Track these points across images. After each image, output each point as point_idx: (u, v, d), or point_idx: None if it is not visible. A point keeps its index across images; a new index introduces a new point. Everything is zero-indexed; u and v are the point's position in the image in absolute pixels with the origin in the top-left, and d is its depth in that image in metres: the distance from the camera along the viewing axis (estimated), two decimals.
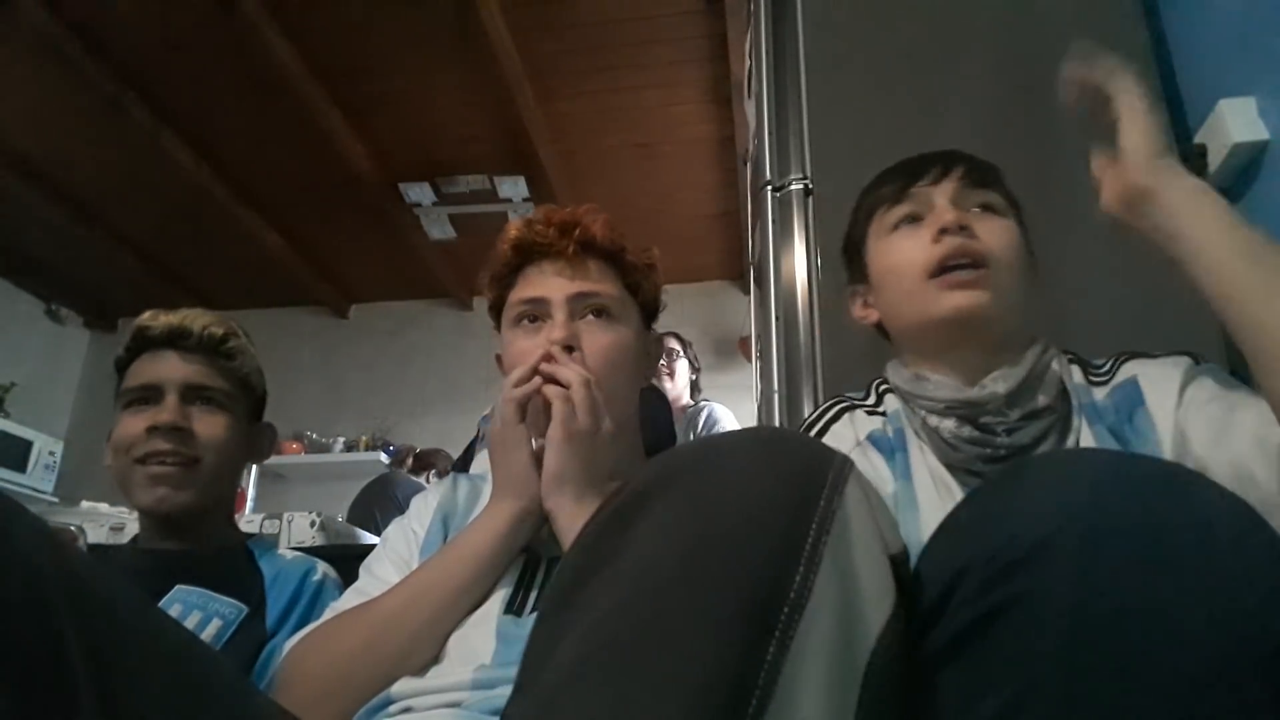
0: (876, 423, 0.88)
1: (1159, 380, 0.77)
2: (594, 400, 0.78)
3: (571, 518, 0.75)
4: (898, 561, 0.46)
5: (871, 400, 0.90)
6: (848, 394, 0.93)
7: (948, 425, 0.81)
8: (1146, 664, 0.39)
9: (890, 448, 0.84)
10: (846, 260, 0.97)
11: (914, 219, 0.84)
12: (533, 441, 0.82)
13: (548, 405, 0.80)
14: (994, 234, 0.81)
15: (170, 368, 1.02)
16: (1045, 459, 0.54)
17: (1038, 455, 0.78)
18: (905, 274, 0.82)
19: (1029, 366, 0.80)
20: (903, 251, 0.84)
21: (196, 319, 1.05)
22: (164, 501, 0.97)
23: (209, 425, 1.01)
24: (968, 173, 0.84)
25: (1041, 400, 0.79)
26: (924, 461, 0.82)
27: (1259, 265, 0.62)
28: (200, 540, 1.01)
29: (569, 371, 0.79)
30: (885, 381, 0.91)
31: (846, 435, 0.87)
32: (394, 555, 0.85)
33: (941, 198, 0.83)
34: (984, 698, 0.42)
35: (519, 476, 0.79)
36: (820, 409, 0.93)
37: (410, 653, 0.73)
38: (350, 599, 0.82)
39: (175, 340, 1.03)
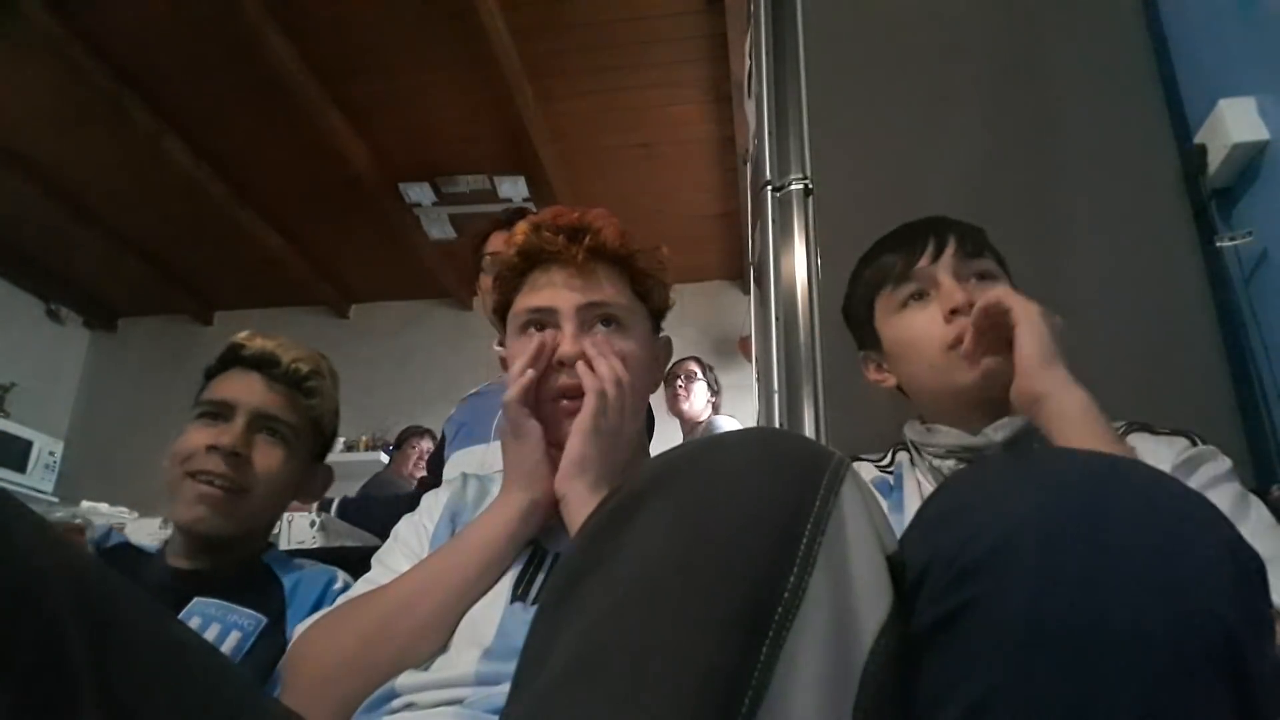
0: (883, 475, 0.94)
1: (1152, 458, 0.80)
2: (624, 401, 0.81)
3: (584, 504, 0.76)
4: (895, 562, 0.46)
5: (886, 460, 0.96)
6: (865, 455, 0.98)
7: (949, 464, 0.88)
8: (1104, 665, 0.39)
9: (889, 487, 0.91)
10: (850, 325, 1.02)
11: (921, 295, 0.90)
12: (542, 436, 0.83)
13: (555, 398, 0.82)
14: None
15: (249, 391, 1.03)
16: (1008, 459, 0.55)
17: (1003, 455, 0.83)
18: (926, 349, 0.88)
19: (1027, 421, 0.85)
20: (918, 328, 0.90)
21: (289, 350, 1.06)
22: (200, 522, 0.97)
23: (267, 457, 1.01)
24: (960, 244, 0.90)
25: (1037, 448, 0.82)
26: (917, 492, 0.89)
27: None
28: (224, 560, 1.01)
29: (606, 367, 0.80)
30: (899, 446, 0.97)
31: (865, 481, 0.91)
32: (405, 548, 0.86)
33: (945, 275, 0.88)
34: (949, 700, 0.42)
35: (530, 468, 0.80)
36: None
37: (420, 638, 0.73)
38: (361, 589, 0.82)
39: (263, 365, 1.04)
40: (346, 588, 1.01)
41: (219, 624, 0.91)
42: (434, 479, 1.86)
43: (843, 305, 1.03)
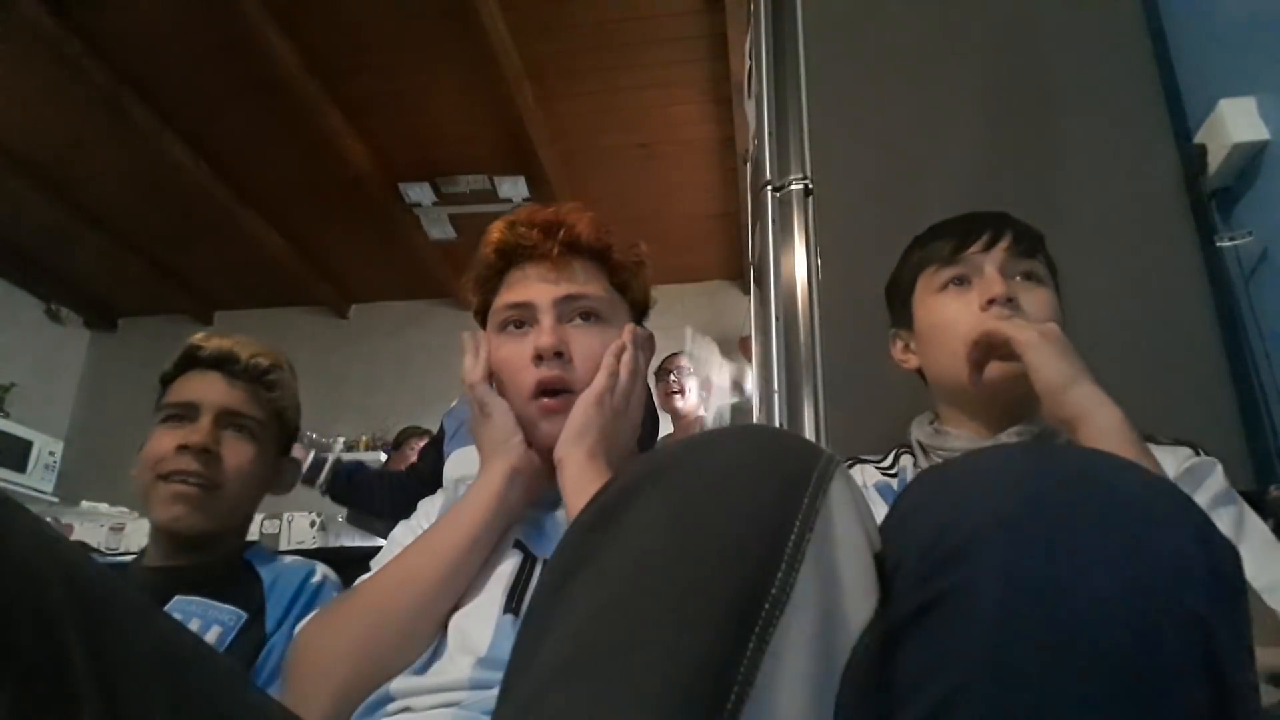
0: (885, 478, 0.92)
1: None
2: (633, 389, 0.82)
3: (579, 468, 0.77)
4: (882, 560, 0.46)
5: (888, 462, 0.95)
6: (865, 456, 0.97)
7: None
8: (1074, 661, 0.39)
9: (892, 491, 0.89)
10: (890, 302, 1.01)
11: (962, 281, 0.89)
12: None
13: (534, 395, 0.82)
14: (1036, 305, 0.86)
15: (211, 390, 1.04)
16: (977, 454, 0.55)
17: (971, 451, 0.81)
18: (952, 334, 0.87)
19: (1042, 426, 0.84)
20: (950, 312, 0.89)
21: (246, 347, 1.08)
22: (179, 521, 0.98)
23: (236, 453, 1.03)
24: (1015, 241, 0.89)
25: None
26: None
27: None
28: (205, 558, 1.02)
29: (630, 357, 0.83)
30: (903, 447, 0.96)
31: (854, 479, 0.90)
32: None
33: (991, 266, 0.87)
34: (920, 694, 0.42)
35: (503, 438, 0.81)
36: None
37: (420, 617, 0.73)
38: None
39: (222, 364, 1.06)
40: (325, 580, 1.02)
41: (199, 619, 0.92)
42: (429, 469, 1.85)
43: (887, 284, 1.01)
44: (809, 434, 1.14)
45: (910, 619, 0.43)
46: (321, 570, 1.03)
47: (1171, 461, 0.79)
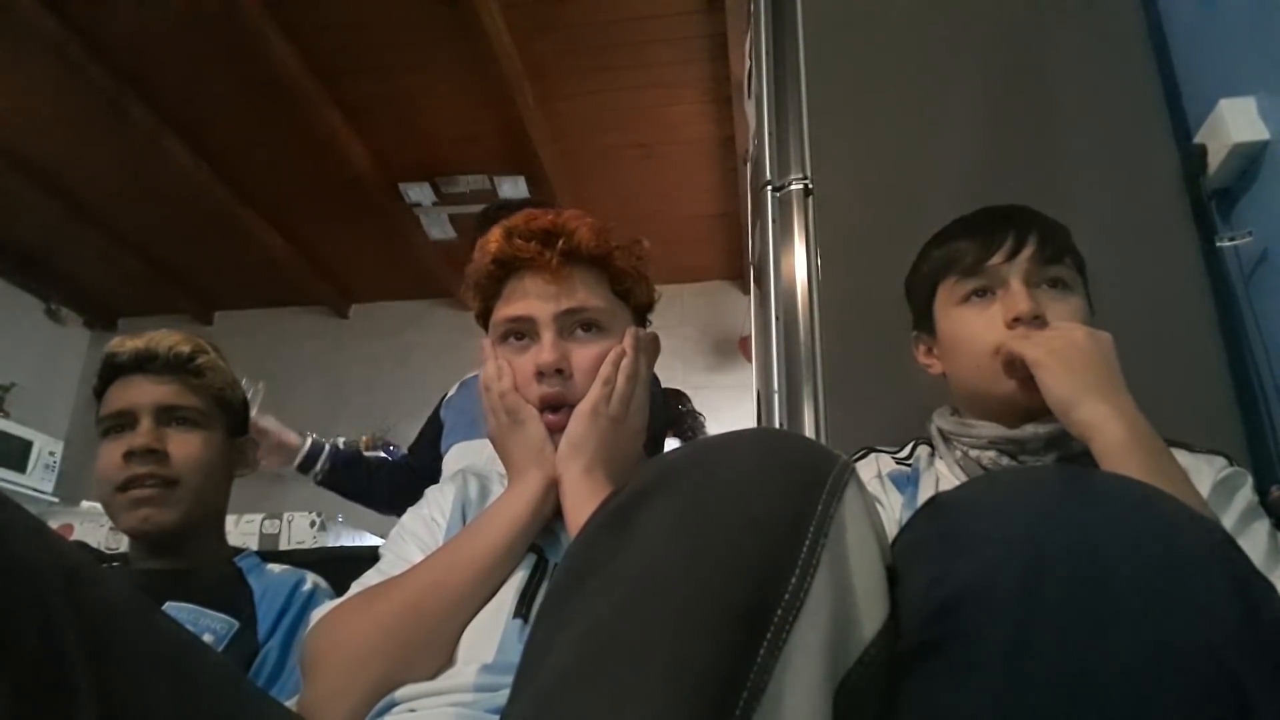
0: (900, 468, 0.91)
1: (1191, 475, 0.77)
2: (631, 394, 0.82)
3: (576, 485, 0.77)
4: (894, 571, 0.46)
5: (904, 453, 0.94)
6: (882, 447, 0.96)
7: (988, 455, 0.85)
8: (1093, 709, 0.36)
9: (906, 482, 0.88)
10: (909, 300, 0.99)
11: (985, 293, 0.87)
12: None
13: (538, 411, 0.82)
14: (1063, 318, 0.84)
15: (140, 392, 1.04)
16: (994, 480, 0.52)
17: (988, 475, 0.81)
18: (976, 349, 0.85)
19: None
20: (974, 326, 0.86)
21: (163, 340, 1.07)
22: (147, 521, 0.98)
23: (184, 445, 1.02)
24: (1041, 246, 0.86)
25: (1077, 446, 0.80)
26: (935, 489, 0.86)
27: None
28: (190, 558, 1.01)
29: (629, 364, 0.82)
30: (920, 440, 0.95)
31: (869, 470, 0.91)
32: (416, 540, 0.85)
33: (1016, 279, 0.85)
34: None
35: (539, 448, 0.80)
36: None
37: (453, 615, 0.73)
38: (373, 578, 0.81)
39: (143, 364, 1.06)
40: (316, 589, 1.01)
41: (191, 627, 0.91)
42: (425, 462, 1.82)
43: (906, 278, 1.00)
44: (809, 434, 1.14)
45: (917, 655, 0.42)
46: (311, 579, 1.02)
47: (1208, 471, 0.78)
